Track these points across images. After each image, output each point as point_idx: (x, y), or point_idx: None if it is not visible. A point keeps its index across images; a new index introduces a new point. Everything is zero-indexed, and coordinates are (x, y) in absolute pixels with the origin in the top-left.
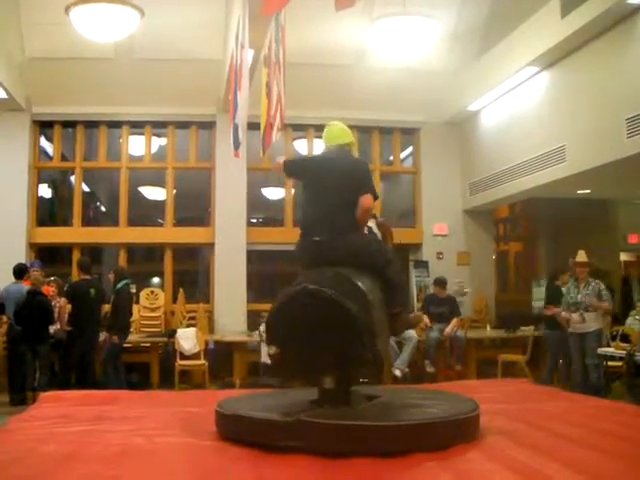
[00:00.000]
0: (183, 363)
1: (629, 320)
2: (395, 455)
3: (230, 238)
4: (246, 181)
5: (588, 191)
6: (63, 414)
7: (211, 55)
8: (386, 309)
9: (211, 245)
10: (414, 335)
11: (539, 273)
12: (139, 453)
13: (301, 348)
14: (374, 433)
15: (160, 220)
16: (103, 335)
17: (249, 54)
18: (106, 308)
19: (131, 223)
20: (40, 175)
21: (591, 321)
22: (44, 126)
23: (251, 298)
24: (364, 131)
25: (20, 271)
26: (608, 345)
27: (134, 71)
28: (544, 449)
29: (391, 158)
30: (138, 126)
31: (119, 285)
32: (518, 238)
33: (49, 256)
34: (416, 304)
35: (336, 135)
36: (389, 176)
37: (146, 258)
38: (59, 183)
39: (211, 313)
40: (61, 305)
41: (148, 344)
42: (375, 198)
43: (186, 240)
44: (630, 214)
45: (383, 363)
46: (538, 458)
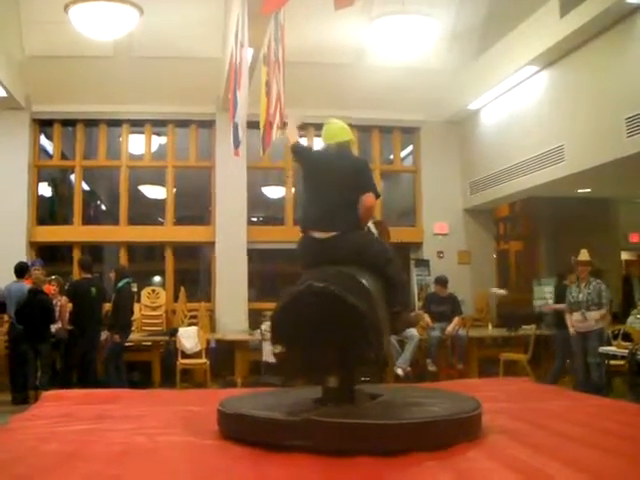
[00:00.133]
0: (184, 362)
1: (630, 319)
2: (397, 454)
3: (230, 237)
4: (246, 180)
5: (588, 190)
6: (65, 413)
7: (210, 53)
8: (387, 308)
9: (211, 244)
10: (415, 334)
11: (540, 272)
12: (141, 452)
13: (306, 347)
14: (378, 431)
15: (160, 219)
16: (104, 334)
17: (249, 53)
18: (107, 307)
19: (131, 222)
20: (40, 174)
21: (592, 320)
22: (44, 124)
23: (252, 297)
24: (364, 130)
25: (21, 270)
26: (609, 344)
27: (133, 69)
28: (545, 448)
29: (391, 157)
30: (138, 124)
31: (120, 284)
32: (518, 237)
33: (49, 255)
34: (417, 303)
35: (335, 133)
36: (389, 175)
37: (147, 257)
38: (59, 182)
39: (212, 312)
40: (62, 304)
41: (149, 343)
42: (377, 196)
43: (186, 239)
44: (631, 213)
45: (387, 362)
46: (539, 457)
